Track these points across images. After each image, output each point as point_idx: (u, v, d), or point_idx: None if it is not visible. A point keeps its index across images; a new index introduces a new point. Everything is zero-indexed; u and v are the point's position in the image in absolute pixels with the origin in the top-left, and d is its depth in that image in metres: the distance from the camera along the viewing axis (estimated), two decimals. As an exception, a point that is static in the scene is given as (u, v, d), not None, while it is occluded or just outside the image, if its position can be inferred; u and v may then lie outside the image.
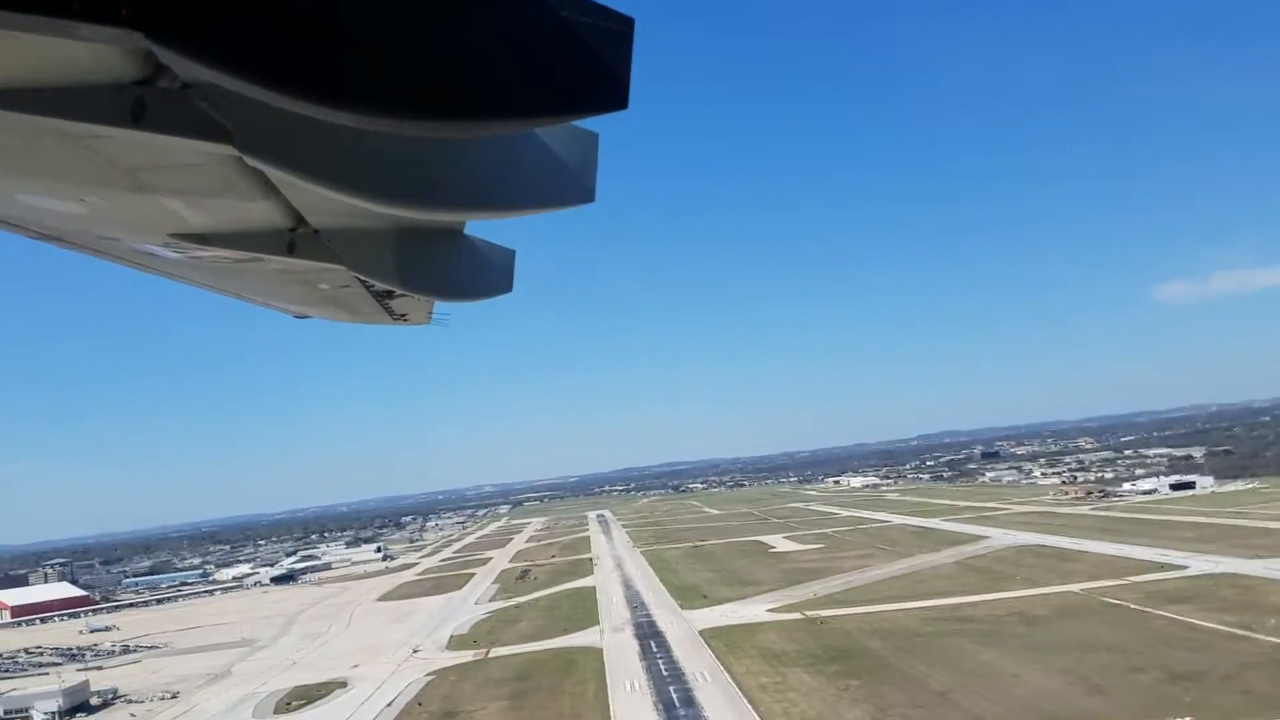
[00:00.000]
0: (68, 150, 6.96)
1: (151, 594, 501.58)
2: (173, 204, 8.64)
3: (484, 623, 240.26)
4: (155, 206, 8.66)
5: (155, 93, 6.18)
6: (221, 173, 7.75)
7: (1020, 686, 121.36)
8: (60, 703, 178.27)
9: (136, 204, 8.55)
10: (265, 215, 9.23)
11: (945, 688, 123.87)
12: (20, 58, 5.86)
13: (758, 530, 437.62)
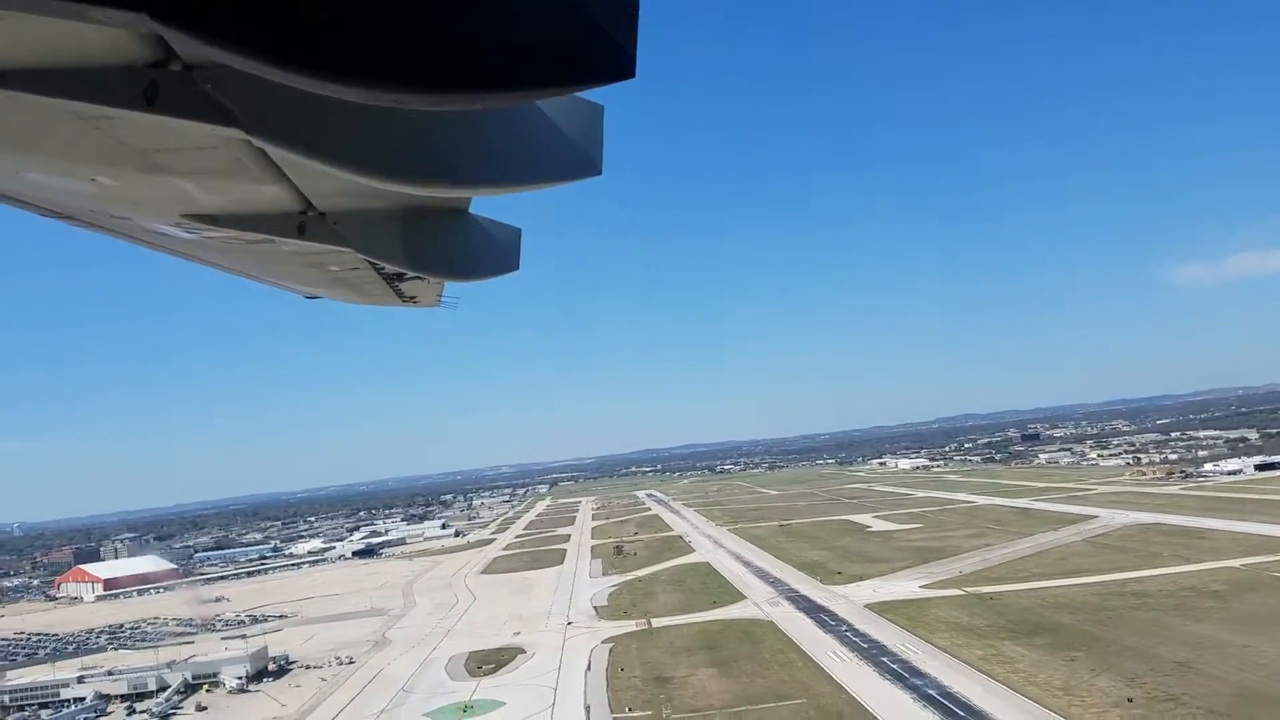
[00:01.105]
0: (80, 131, 7.01)
1: (235, 567, 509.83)
2: (184, 185, 8.67)
3: (616, 596, 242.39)
4: (167, 187, 8.68)
5: (168, 76, 6.27)
6: (232, 155, 7.86)
7: (1260, 656, 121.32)
8: (247, 667, 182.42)
9: (148, 184, 8.59)
10: (275, 198, 9.26)
11: (1181, 659, 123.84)
12: (33, 39, 5.84)
13: (838, 510, 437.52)
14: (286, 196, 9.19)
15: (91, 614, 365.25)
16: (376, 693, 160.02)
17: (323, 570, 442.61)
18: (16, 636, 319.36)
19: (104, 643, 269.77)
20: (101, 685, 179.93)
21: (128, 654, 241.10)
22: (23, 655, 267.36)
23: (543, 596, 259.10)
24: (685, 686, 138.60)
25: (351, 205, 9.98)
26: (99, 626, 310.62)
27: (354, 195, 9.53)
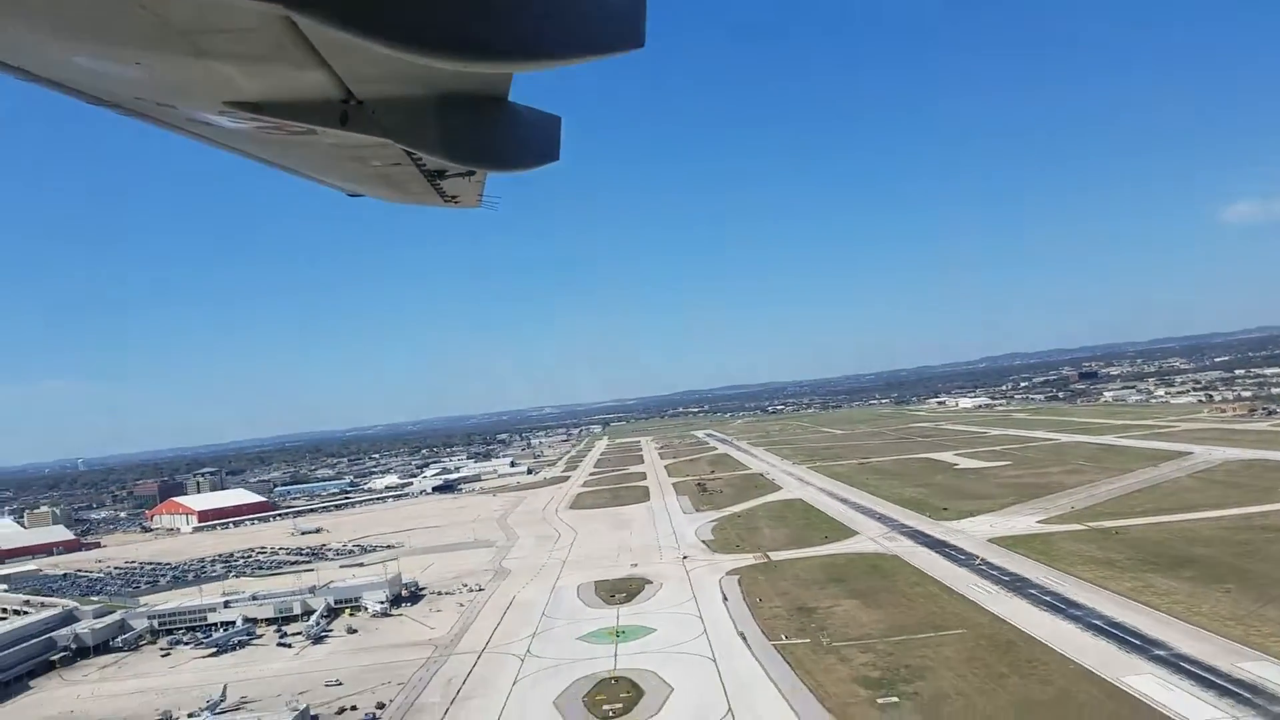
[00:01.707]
0: (124, 9, 6.83)
1: (319, 501, 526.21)
2: (227, 70, 8.51)
3: (719, 530, 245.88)
4: (209, 72, 8.51)
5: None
6: (274, 37, 7.68)
7: None
8: (386, 593, 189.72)
9: (191, 68, 8.41)
10: (316, 84, 9.09)
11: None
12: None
13: (916, 448, 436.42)
14: (327, 83, 9.16)
15: (194, 544, 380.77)
16: (519, 618, 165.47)
17: (408, 505, 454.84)
18: (130, 565, 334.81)
19: (220, 571, 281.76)
20: (247, 610, 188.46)
21: (250, 581, 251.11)
22: (144, 583, 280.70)
23: (642, 531, 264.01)
24: (831, 616, 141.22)
25: (392, 93, 9.90)
26: (209, 555, 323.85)
27: (394, 82, 9.50)
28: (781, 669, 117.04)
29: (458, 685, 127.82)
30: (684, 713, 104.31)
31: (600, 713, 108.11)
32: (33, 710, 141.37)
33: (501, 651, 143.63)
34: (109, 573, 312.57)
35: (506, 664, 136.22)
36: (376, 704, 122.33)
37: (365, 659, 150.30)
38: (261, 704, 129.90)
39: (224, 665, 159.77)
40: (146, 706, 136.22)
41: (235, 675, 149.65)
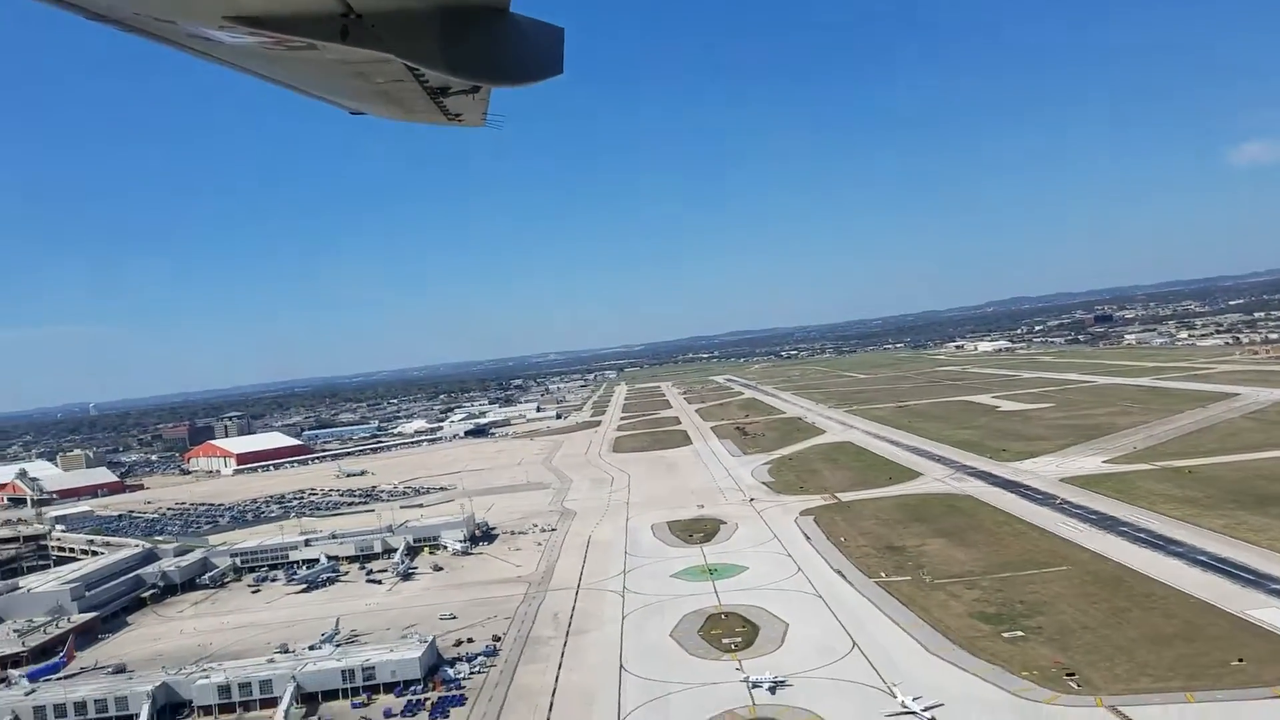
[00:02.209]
0: None
1: (353, 444, 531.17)
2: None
3: (775, 472, 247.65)
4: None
5: None
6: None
7: None
8: (464, 532, 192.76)
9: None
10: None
11: None
12: None
13: (950, 392, 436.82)
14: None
15: (239, 486, 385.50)
16: (602, 557, 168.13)
17: (444, 449, 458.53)
18: (181, 505, 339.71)
19: (277, 511, 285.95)
20: (328, 548, 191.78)
21: (310, 521, 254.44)
22: (203, 523, 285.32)
23: (695, 473, 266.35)
24: (923, 555, 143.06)
25: (392, 6, 9.93)
26: (259, 497, 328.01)
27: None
28: (892, 605, 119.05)
29: (566, 620, 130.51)
30: (807, 646, 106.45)
31: (721, 645, 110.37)
32: (146, 644, 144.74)
33: (598, 588, 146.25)
34: (162, 513, 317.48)
35: (607, 600, 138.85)
36: (492, 636, 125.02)
37: (461, 595, 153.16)
38: (373, 636, 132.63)
39: (319, 601, 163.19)
40: (256, 640, 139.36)
41: (336, 610, 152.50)
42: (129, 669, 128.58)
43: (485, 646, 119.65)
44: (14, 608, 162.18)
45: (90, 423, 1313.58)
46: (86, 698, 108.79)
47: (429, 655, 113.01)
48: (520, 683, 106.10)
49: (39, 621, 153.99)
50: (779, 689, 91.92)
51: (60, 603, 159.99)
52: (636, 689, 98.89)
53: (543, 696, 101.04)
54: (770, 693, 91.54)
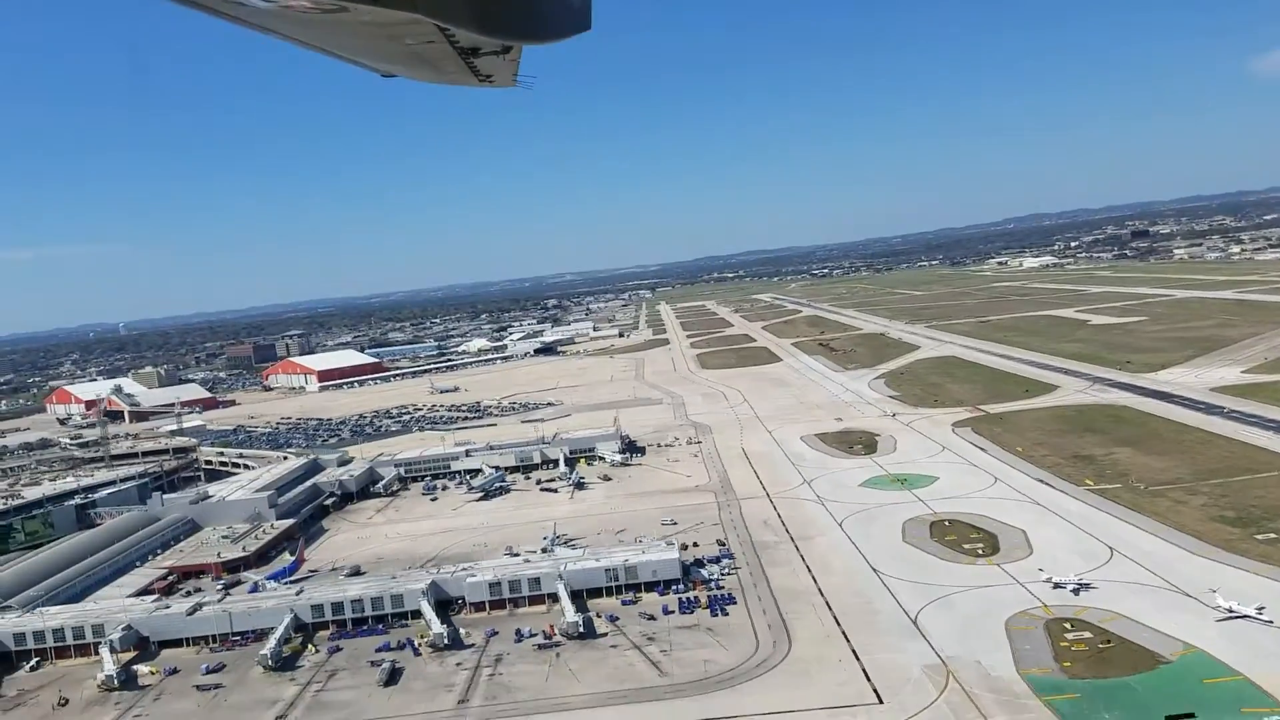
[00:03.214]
0: None
1: (424, 363, 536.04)
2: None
3: (894, 386, 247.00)
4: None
5: None
6: None
7: None
8: (618, 444, 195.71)
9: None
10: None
11: None
12: None
13: (1025, 307, 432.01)
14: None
15: (333, 401, 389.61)
16: (769, 466, 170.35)
17: (522, 366, 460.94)
18: (286, 419, 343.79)
19: (395, 426, 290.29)
20: (489, 458, 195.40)
21: (436, 435, 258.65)
22: (326, 436, 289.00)
23: (807, 388, 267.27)
24: (1116, 463, 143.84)
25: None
26: (365, 412, 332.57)
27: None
28: (1120, 511, 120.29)
29: (778, 526, 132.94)
30: (1061, 551, 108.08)
31: (964, 550, 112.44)
32: (356, 548, 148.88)
33: (789, 496, 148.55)
34: (274, 427, 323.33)
35: (806, 507, 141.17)
36: (716, 541, 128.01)
37: (646, 503, 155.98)
38: (584, 540, 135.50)
39: (505, 508, 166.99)
40: (464, 543, 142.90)
41: (526, 517, 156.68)
42: (363, 570, 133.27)
43: (722, 550, 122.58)
44: (211, 515, 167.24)
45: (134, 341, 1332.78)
46: (363, 595, 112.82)
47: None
48: (779, 584, 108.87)
49: (242, 528, 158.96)
50: (1083, 591, 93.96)
51: (258, 510, 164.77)
52: (908, 591, 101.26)
53: (813, 596, 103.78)
54: (1074, 594, 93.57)
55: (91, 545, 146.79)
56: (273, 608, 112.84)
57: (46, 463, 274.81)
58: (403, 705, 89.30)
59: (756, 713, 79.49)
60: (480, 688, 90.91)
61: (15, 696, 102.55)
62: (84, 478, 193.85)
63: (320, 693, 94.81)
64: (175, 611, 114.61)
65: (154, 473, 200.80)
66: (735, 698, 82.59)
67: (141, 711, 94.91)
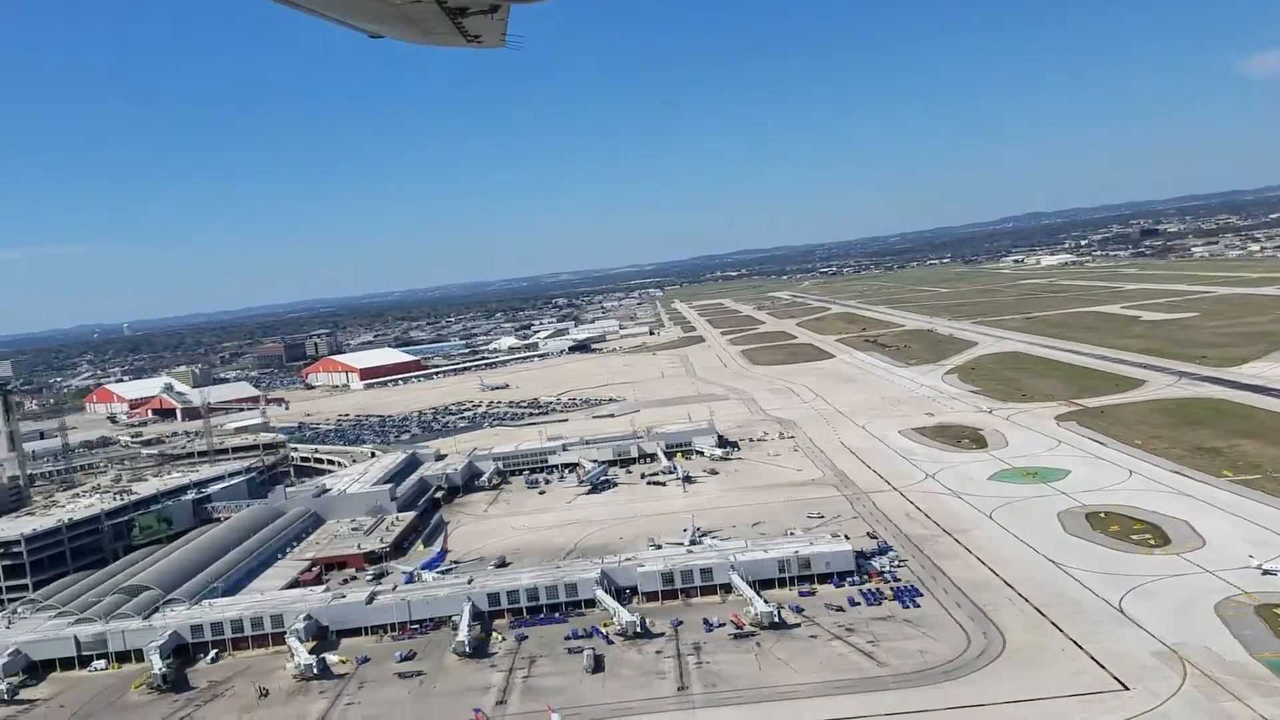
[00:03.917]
0: None
1: (460, 360, 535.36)
2: None
3: (969, 381, 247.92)
4: None
5: None
6: None
7: None
8: (716, 438, 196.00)
9: None
10: None
11: None
12: None
13: (1064, 304, 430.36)
14: None
15: (383, 398, 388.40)
16: (880, 459, 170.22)
17: (560, 363, 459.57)
18: (346, 416, 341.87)
19: (463, 423, 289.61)
20: (585, 453, 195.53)
21: (508, 430, 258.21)
22: (395, 432, 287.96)
23: (876, 384, 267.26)
24: (1241, 455, 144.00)
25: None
26: (424, 408, 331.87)
27: None
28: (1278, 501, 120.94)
29: (921, 518, 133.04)
30: (1234, 541, 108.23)
31: (1135, 541, 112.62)
32: (488, 539, 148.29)
33: (918, 490, 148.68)
34: (337, 423, 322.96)
35: (943, 500, 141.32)
36: (866, 534, 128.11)
37: (765, 496, 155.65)
38: (721, 533, 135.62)
39: (618, 500, 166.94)
40: (596, 534, 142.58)
41: (645, 510, 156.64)
42: (508, 561, 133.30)
43: (877, 543, 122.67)
44: (332, 509, 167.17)
45: (147, 341, 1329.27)
46: (537, 584, 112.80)
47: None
48: (958, 576, 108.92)
49: (365, 521, 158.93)
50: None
51: (379, 503, 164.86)
52: (1099, 581, 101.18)
53: (1000, 588, 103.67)
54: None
55: (226, 539, 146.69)
56: (449, 596, 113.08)
57: (115, 460, 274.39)
58: (620, 691, 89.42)
59: (999, 701, 79.65)
60: (694, 675, 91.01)
61: (208, 689, 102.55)
62: (190, 473, 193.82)
63: (528, 679, 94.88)
64: (354, 601, 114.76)
65: (259, 468, 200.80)
66: (969, 688, 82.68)
67: (352, 699, 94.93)
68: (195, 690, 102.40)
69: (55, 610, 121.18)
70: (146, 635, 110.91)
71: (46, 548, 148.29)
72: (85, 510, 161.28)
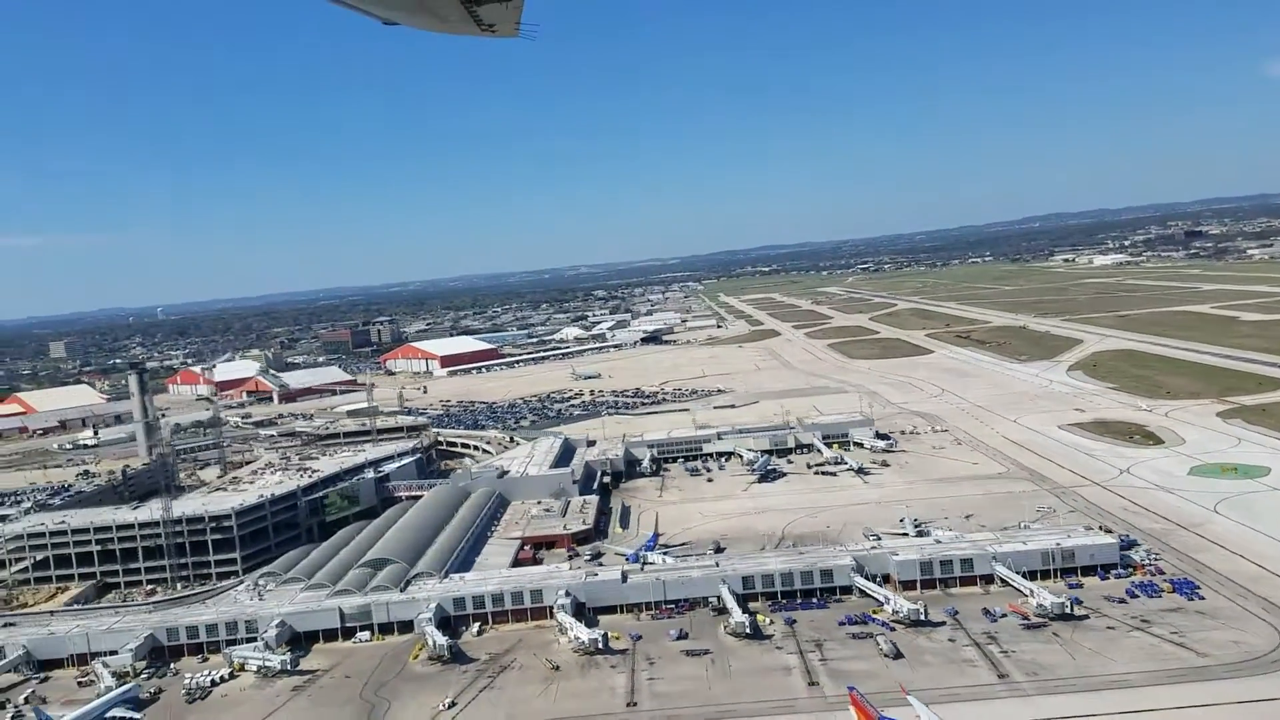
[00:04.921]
0: None
1: (534, 351, 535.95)
2: None
3: (1099, 378, 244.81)
4: None
5: None
6: None
7: None
8: (873, 430, 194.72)
9: None
10: None
11: None
12: None
13: (1146, 304, 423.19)
14: None
15: (473, 385, 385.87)
16: (1056, 453, 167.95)
17: (640, 354, 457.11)
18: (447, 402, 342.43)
19: (579, 412, 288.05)
20: (743, 442, 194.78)
21: (628, 419, 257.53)
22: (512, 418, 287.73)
23: (1000, 380, 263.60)
24: None
25: None
26: (526, 396, 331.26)
27: None
28: None
29: (1145, 513, 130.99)
30: None
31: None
32: (681, 523, 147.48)
33: (1120, 485, 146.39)
34: (446, 409, 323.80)
35: (1156, 495, 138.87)
36: (1100, 527, 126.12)
37: (960, 490, 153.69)
38: (935, 524, 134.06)
39: (797, 490, 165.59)
40: (801, 523, 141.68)
41: (833, 500, 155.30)
42: (723, 545, 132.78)
43: (1120, 537, 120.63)
44: (514, 490, 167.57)
45: (195, 325, 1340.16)
46: (791, 569, 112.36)
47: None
48: (1223, 569, 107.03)
49: (553, 503, 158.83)
50: None
51: (563, 485, 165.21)
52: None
53: (1276, 583, 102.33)
54: None
55: (431, 517, 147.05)
56: (704, 578, 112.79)
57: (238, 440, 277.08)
58: (936, 677, 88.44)
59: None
60: (1008, 665, 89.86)
61: (490, 660, 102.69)
62: (357, 454, 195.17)
63: (824, 662, 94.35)
64: (608, 579, 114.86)
65: (423, 449, 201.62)
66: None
67: (653, 675, 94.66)
68: (476, 662, 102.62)
69: (303, 582, 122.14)
70: (411, 608, 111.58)
71: (252, 522, 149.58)
72: (281, 487, 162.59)
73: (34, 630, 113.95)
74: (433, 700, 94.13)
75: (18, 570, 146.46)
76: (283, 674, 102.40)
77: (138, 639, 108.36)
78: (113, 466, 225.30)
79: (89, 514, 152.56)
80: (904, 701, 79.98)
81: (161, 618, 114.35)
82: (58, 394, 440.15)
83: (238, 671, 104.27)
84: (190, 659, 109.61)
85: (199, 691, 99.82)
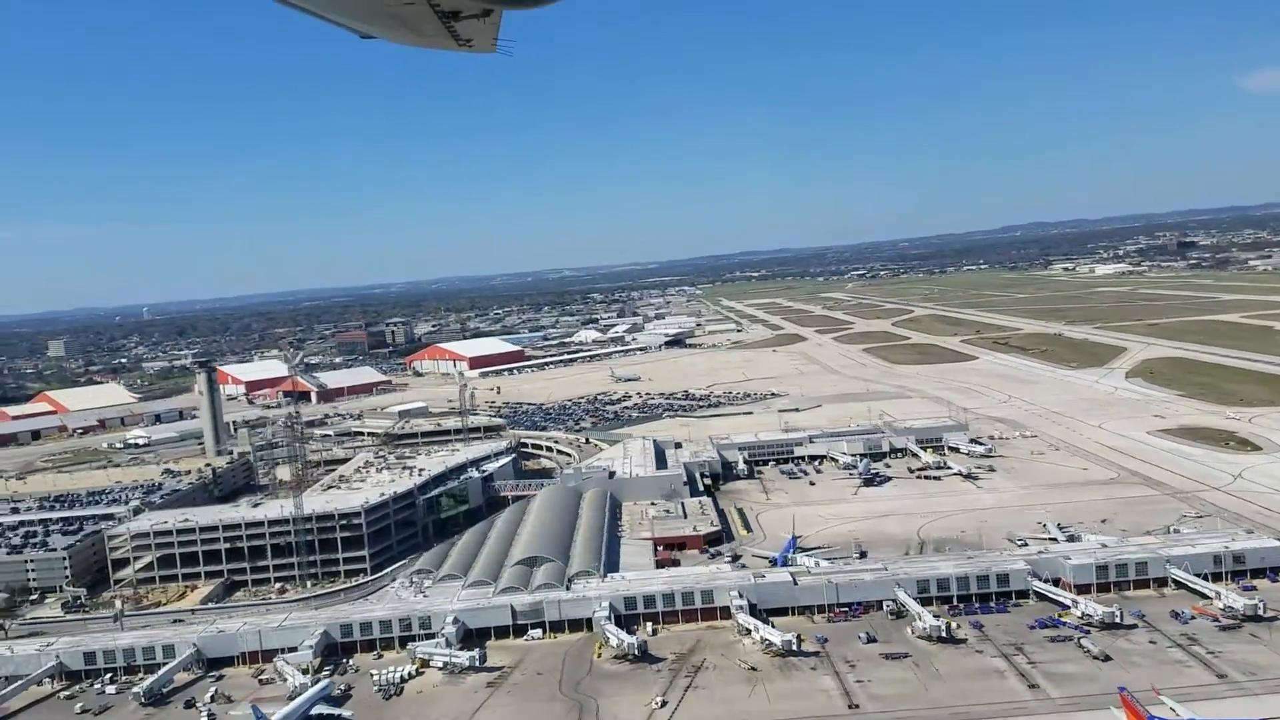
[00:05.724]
0: None
1: (557, 354, 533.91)
2: None
3: (1160, 385, 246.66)
4: None
5: None
6: None
7: None
8: (968, 434, 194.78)
9: None
10: None
11: None
12: None
13: (1169, 313, 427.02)
14: None
15: (516, 386, 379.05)
16: (1160, 460, 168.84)
17: (670, 358, 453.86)
18: (492, 403, 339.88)
19: (635, 414, 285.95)
20: (836, 445, 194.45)
21: (691, 421, 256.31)
22: (569, 420, 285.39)
23: (1062, 387, 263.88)
24: None
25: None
26: (572, 398, 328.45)
27: None
28: None
29: None
30: None
31: None
32: (805, 527, 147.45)
33: (1240, 489, 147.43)
34: (498, 410, 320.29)
35: (1269, 496, 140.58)
36: (1245, 530, 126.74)
37: (1079, 495, 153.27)
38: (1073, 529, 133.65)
39: (907, 495, 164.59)
40: (933, 527, 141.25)
41: (953, 505, 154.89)
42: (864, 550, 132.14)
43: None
44: (623, 491, 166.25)
45: (192, 325, 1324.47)
46: (967, 573, 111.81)
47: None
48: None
49: (667, 504, 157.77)
50: None
51: (674, 487, 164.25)
52: None
53: None
54: None
55: (556, 518, 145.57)
56: (876, 581, 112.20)
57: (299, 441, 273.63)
58: (1156, 678, 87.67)
59: None
60: (1221, 665, 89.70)
61: (677, 659, 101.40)
62: (454, 452, 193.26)
63: (1034, 665, 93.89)
64: (779, 580, 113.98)
65: (517, 448, 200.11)
66: None
67: (859, 678, 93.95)
68: (664, 661, 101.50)
69: (461, 579, 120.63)
70: (584, 606, 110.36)
71: (379, 520, 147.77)
72: (396, 486, 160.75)
73: (202, 628, 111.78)
74: (637, 698, 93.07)
75: (141, 568, 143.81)
76: (470, 671, 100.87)
77: (314, 636, 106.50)
78: (189, 466, 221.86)
79: (213, 511, 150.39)
80: (1157, 701, 79.73)
81: (332, 614, 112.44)
82: (87, 393, 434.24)
83: (421, 668, 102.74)
84: (364, 656, 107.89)
85: (392, 688, 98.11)
